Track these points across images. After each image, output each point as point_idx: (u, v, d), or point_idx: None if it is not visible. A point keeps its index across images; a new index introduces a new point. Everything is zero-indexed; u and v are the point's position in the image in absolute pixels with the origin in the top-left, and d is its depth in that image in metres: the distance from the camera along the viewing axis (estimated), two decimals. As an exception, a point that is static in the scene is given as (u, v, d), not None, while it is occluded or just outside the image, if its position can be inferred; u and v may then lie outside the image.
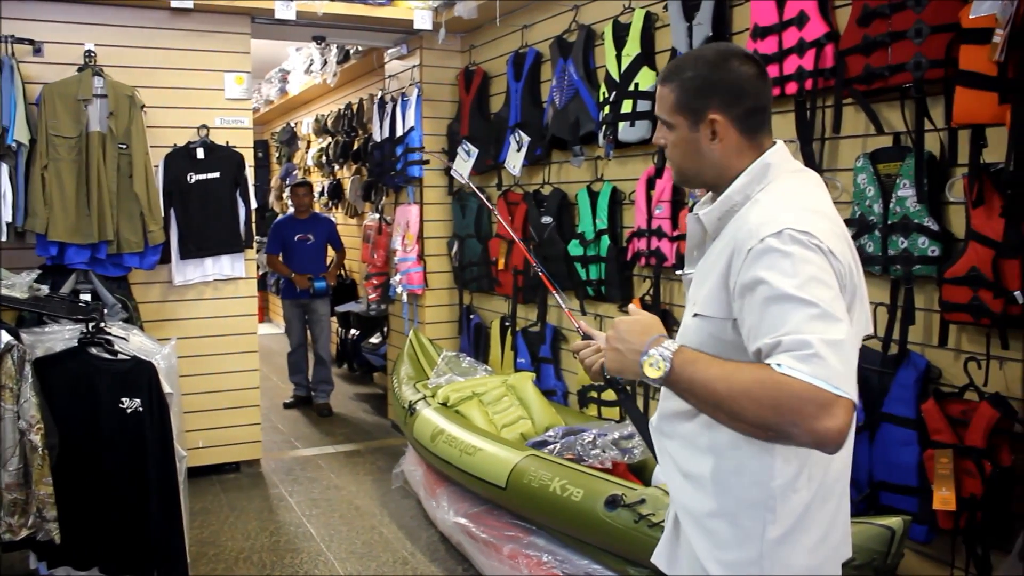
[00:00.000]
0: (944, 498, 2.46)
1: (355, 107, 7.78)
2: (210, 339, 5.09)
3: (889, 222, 2.69)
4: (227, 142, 5.02)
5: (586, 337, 1.88)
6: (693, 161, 1.67)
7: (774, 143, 1.65)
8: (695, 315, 1.62)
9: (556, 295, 2.12)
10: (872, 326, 1.64)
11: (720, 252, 1.58)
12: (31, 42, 4.45)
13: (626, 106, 3.85)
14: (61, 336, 3.28)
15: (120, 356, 3.21)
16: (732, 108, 1.61)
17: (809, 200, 1.56)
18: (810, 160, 2.96)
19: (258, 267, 7.15)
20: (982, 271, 2.41)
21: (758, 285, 1.43)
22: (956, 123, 2.48)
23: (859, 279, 1.58)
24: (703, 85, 1.62)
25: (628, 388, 1.68)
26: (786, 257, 1.42)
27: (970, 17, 2.36)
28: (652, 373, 1.46)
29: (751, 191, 1.60)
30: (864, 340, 1.66)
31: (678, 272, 1.81)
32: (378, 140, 6.08)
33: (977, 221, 2.44)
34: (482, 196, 2.64)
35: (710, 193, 1.74)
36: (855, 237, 2.76)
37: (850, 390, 1.33)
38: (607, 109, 3.98)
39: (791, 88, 3.01)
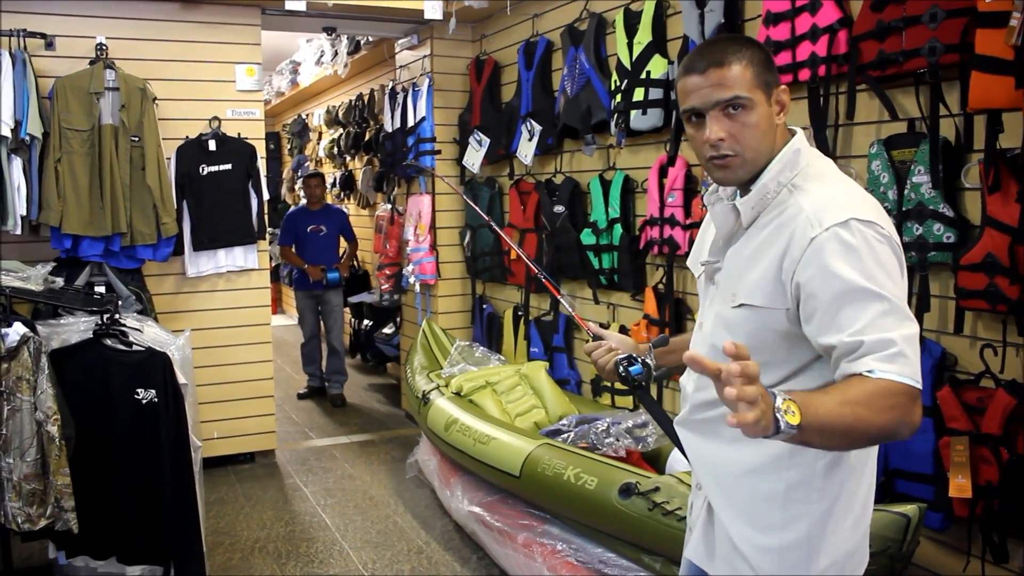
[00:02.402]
0: (960, 485, 2.45)
1: (366, 98, 7.78)
2: (224, 330, 5.11)
3: (904, 208, 2.67)
4: (239, 134, 5.03)
5: (596, 338, 1.87)
6: (767, 140, 1.57)
7: (793, 130, 1.63)
8: (740, 305, 1.58)
9: (562, 299, 2.11)
10: None
11: (766, 241, 1.54)
12: (43, 36, 4.46)
13: (638, 94, 3.84)
14: (76, 328, 3.29)
15: (135, 347, 3.22)
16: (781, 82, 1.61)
17: (855, 187, 1.56)
18: (824, 147, 2.94)
19: (271, 258, 7.16)
20: (998, 257, 2.39)
21: (828, 277, 1.43)
22: (972, 108, 2.45)
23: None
24: (767, 58, 1.58)
25: (644, 384, 1.68)
26: (855, 249, 1.42)
27: (986, 1, 2.34)
28: (793, 420, 1.25)
29: (784, 178, 1.56)
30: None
31: (700, 261, 1.75)
32: (389, 131, 6.07)
33: (993, 207, 2.42)
34: (487, 218, 2.62)
35: (714, 184, 1.70)
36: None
37: (920, 379, 1.39)
38: (619, 97, 3.97)
39: (804, 75, 2.99)
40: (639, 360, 1.76)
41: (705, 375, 1.23)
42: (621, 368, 1.74)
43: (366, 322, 7.66)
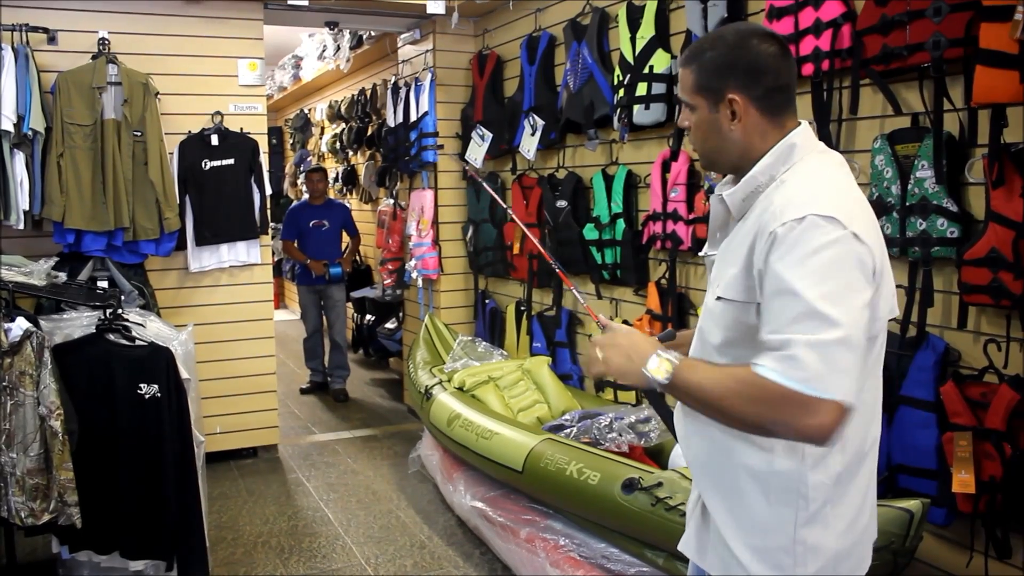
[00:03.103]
0: (963, 481, 2.45)
1: (369, 93, 7.77)
2: (226, 325, 5.11)
3: (907, 203, 2.66)
4: (241, 128, 5.02)
5: (606, 331, 1.87)
6: (715, 143, 1.64)
7: (799, 123, 1.63)
8: (718, 298, 1.60)
9: (574, 291, 2.11)
10: (896, 308, 1.63)
11: (745, 235, 1.56)
12: (45, 31, 4.47)
13: (640, 89, 3.83)
14: (79, 323, 3.29)
15: (137, 342, 3.22)
16: (751, 88, 1.58)
17: (836, 181, 1.55)
18: (827, 142, 2.93)
19: (273, 253, 7.16)
20: (1002, 252, 2.39)
21: (771, 273, 1.44)
22: (976, 103, 2.44)
23: (885, 260, 1.55)
24: (721, 64, 1.59)
25: None
26: (800, 246, 1.41)
27: (990, -5, 2.33)
28: (660, 375, 1.52)
29: (776, 172, 1.58)
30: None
31: (701, 254, 1.79)
32: (392, 125, 6.07)
33: (997, 202, 2.41)
34: (501, 201, 2.62)
35: (730, 176, 1.72)
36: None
37: (835, 389, 1.35)
38: (621, 92, 3.96)
39: (807, 69, 2.98)
40: None
41: None
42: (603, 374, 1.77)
43: (368, 317, 7.66)
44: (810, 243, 1.41)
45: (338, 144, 8.58)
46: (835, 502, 1.56)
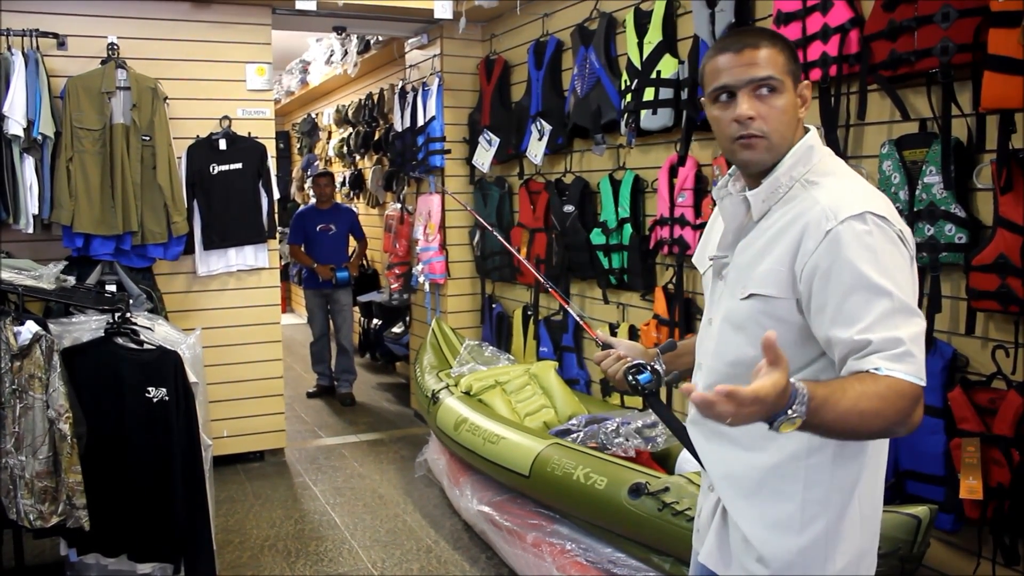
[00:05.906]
0: (971, 487, 2.44)
1: (376, 97, 7.78)
2: (234, 329, 5.12)
3: (915, 209, 2.66)
4: (249, 133, 5.04)
5: (605, 347, 1.86)
6: (790, 129, 1.59)
7: (807, 127, 1.63)
8: (749, 296, 1.58)
9: (570, 308, 2.11)
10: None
11: (779, 233, 1.55)
12: (55, 36, 4.49)
13: (648, 94, 3.83)
14: (88, 326, 3.30)
15: (146, 346, 3.23)
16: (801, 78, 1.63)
17: (867, 183, 1.57)
18: (835, 147, 2.93)
19: (281, 257, 7.18)
20: (1010, 258, 2.38)
21: (842, 270, 1.44)
22: (984, 108, 2.44)
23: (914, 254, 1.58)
24: (794, 52, 1.60)
25: (654, 391, 1.66)
26: (869, 243, 1.44)
27: (999, 0, 2.33)
28: (794, 419, 1.30)
29: (796, 173, 1.58)
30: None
31: (710, 256, 1.76)
32: (399, 130, 6.08)
33: (1005, 207, 2.41)
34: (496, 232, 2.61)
35: (726, 176, 1.71)
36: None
37: (924, 376, 1.41)
38: (629, 97, 3.96)
39: (815, 75, 2.98)
40: (648, 367, 1.74)
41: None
42: (630, 376, 1.73)
43: (375, 321, 7.67)
44: (878, 240, 1.45)
45: (345, 148, 8.60)
46: (859, 497, 1.57)
